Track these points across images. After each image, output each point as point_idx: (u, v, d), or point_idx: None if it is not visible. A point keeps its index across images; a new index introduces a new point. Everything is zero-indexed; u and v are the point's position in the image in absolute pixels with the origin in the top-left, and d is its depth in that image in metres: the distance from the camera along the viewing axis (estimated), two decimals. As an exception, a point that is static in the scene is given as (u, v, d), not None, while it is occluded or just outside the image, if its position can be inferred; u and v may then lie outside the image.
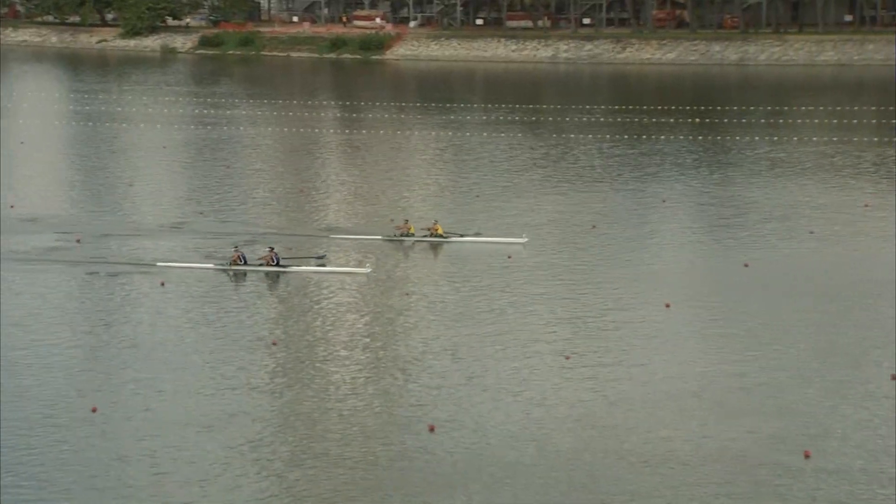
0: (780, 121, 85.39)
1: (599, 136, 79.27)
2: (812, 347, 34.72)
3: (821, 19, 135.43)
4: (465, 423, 29.22)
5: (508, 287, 41.62)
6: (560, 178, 64.24)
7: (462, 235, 48.36)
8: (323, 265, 44.14)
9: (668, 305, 38.96)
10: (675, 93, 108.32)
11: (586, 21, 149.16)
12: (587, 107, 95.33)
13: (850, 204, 55.29)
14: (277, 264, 43.74)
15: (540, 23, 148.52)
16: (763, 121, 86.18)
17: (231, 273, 43.57)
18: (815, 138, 76.27)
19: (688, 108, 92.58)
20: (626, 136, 78.91)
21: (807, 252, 46.34)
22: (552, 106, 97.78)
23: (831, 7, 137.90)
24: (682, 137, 78.37)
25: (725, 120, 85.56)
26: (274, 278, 43.31)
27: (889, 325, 36.28)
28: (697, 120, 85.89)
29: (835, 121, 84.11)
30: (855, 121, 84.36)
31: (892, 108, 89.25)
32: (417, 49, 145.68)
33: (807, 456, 26.75)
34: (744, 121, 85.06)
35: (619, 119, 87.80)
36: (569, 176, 65.12)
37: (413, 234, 48.39)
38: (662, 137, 77.89)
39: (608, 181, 63.29)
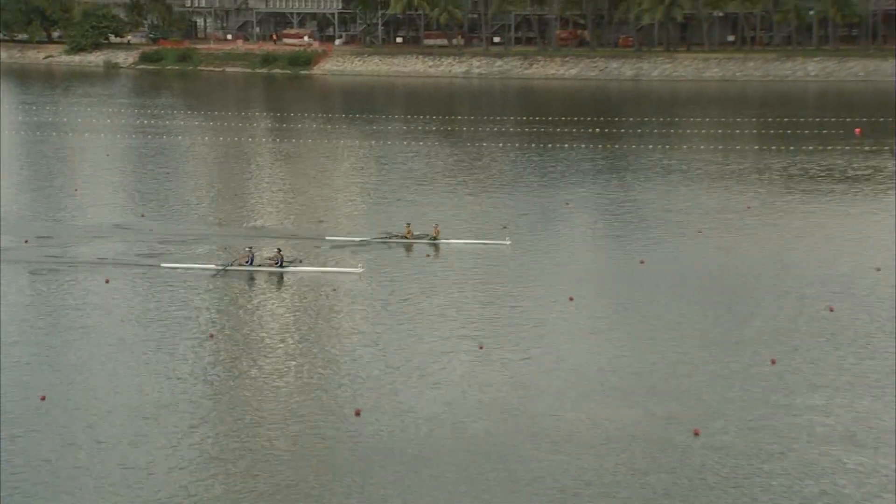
0: (672, 131, 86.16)
1: (509, 144, 79.51)
2: (700, 336, 34.93)
3: (706, 39, 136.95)
4: (388, 408, 29.17)
5: (430, 284, 41.59)
6: (473, 183, 64.33)
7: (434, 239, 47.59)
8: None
9: (571, 299, 39.14)
10: (577, 105, 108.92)
11: (497, 40, 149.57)
12: (498, 118, 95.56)
13: (735, 206, 55.82)
14: (280, 265, 43.08)
15: (454, 41, 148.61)
16: (656, 131, 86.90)
17: (222, 272, 42.71)
18: (702, 146, 77.03)
19: (588, 119, 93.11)
20: (533, 145, 79.20)
21: (696, 250, 46.76)
22: (466, 117, 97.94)
23: (715, 28, 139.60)
24: (583, 146, 78.77)
25: (622, 130, 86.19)
26: (251, 277, 42.79)
27: (768, 315, 36.78)
28: (597, 130, 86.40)
29: (720, 131, 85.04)
30: (738, 131, 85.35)
31: (769, 119, 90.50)
32: (342, 65, 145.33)
33: (696, 434, 26.94)
34: (639, 131, 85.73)
35: (526, 129, 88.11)
36: (481, 181, 65.26)
37: (410, 238, 47.67)
38: (566, 146, 78.23)
39: (517, 185, 63.49)
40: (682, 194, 59.52)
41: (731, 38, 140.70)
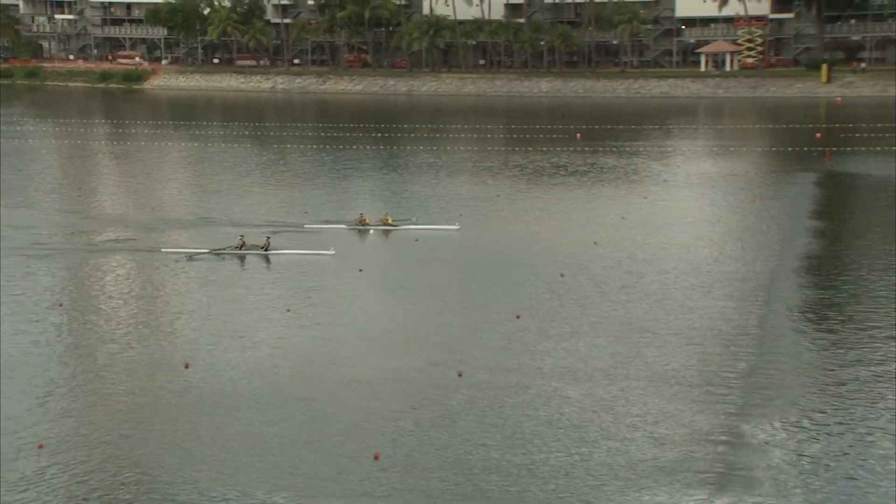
0: (438, 135, 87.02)
1: (308, 146, 78.94)
2: (459, 299, 35.37)
3: (463, 62, 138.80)
4: (214, 363, 28.83)
5: (245, 266, 41.14)
6: (279, 179, 63.75)
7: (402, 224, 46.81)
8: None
9: (361, 270, 39.35)
10: (363, 115, 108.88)
11: (296, 61, 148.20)
12: (299, 125, 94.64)
13: (487, 195, 56.83)
14: (266, 250, 41.44)
15: (262, 62, 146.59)
16: (425, 135, 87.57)
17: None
18: (461, 147, 78.18)
19: (372, 126, 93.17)
20: (328, 147, 78.83)
21: (458, 231, 47.14)
22: (272, 124, 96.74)
23: (470, 54, 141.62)
24: (368, 147, 78.91)
25: (399, 135, 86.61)
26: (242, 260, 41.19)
27: (515, 280, 37.44)
28: (379, 135, 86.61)
29: (475, 135, 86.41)
30: (489, 136, 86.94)
31: (512, 126, 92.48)
32: (169, 81, 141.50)
33: (459, 375, 27.40)
34: (412, 135, 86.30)
35: (322, 134, 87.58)
36: (286, 177, 64.70)
37: (369, 224, 46.71)
38: (354, 147, 78.22)
39: (314, 180, 63.17)
40: (446, 186, 60.22)
41: (482, 61, 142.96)
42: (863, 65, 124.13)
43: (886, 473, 21.36)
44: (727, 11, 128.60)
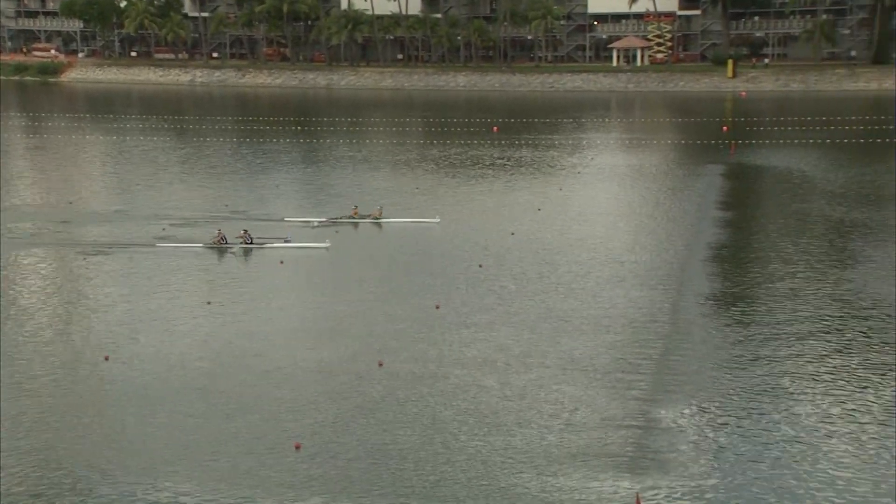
0: (357, 129, 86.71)
1: (229, 139, 78.05)
2: (378, 289, 35.34)
3: (382, 57, 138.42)
4: (134, 355, 28.32)
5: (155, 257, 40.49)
6: (200, 171, 62.90)
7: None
8: (288, 241, 41.05)
9: (281, 262, 39.01)
10: (283, 108, 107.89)
11: (215, 55, 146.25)
12: (219, 118, 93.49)
13: (406, 187, 56.79)
14: (251, 242, 40.57)
15: (180, 55, 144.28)
16: (345, 129, 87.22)
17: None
18: (381, 141, 77.96)
19: (292, 119, 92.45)
20: (248, 140, 78.01)
21: (374, 225, 46.97)
22: (192, 117, 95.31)
23: (388, 48, 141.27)
24: (288, 140, 78.26)
25: (319, 128, 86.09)
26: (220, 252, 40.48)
27: (434, 270, 37.52)
28: (299, 128, 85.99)
29: (394, 129, 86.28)
30: (407, 129, 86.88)
31: (431, 119, 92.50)
32: (86, 74, 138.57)
33: (380, 365, 27.29)
34: (332, 129, 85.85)
35: (243, 127, 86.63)
36: (206, 169, 63.85)
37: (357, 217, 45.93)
38: (275, 140, 77.49)
39: (235, 173, 62.43)
40: (365, 178, 60.08)
41: (400, 56, 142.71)
42: (766, 60, 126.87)
43: (793, 456, 21.84)
44: (637, 8, 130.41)
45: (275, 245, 40.91)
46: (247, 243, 40.96)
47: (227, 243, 41.04)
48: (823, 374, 26.15)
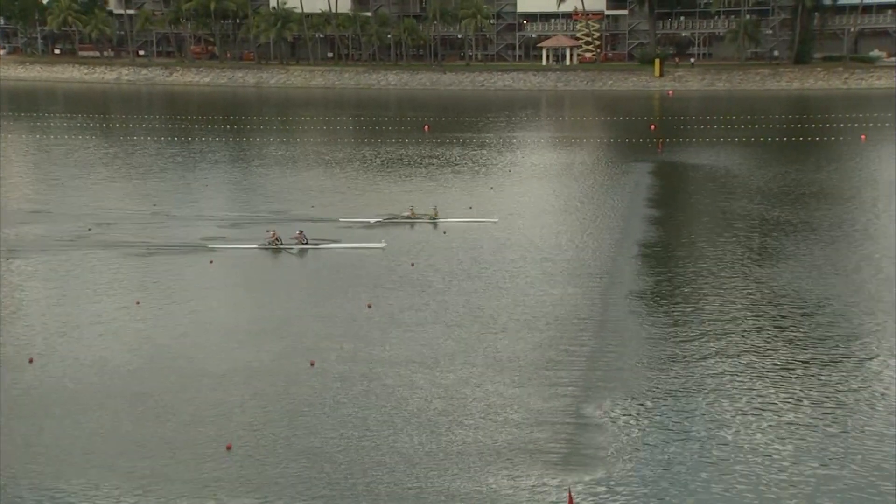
0: (288, 128, 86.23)
1: (157, 139, 77.07)
2: (311, 288, 35.21)
3: (312, 55, 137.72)
4: (60, 357, 27.79)
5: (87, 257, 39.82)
6: (127, 171, 61.97)
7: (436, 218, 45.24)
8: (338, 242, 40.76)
9: (211, 262, 38.63)
10: (212, 107, 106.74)
11: (142, 53, 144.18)
12: (146, 117, 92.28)
13: (339, 186, 56.56)
14: (307, 243, 39.90)
15: (105, 53, 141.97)
16: (276, 128, 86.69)
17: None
18: (312, 140, 77.60)
19: (221, 118, 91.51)
20: (177, 139, 77.12)
21: (316, 220, 46.66)
22: (119, 116, 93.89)
23: (318, 46, 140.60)
24: (218, 140, 77.47)
25: (249, 127, 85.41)
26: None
27: (366, 269, 37.45)
28: (229, 127, 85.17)
29: (325, 128, 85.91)
30: (338, 128, 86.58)
31: (362, 118, 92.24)
32: (7, 71, 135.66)
33: (312, 365, 27.14)
34: (262, 128, 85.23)
35: (171, 126, 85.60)
36: (134, 168, 62.93)
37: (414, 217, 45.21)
38: (204, 139, 76.67)
39: (164, 172, 61.67)
40: (297, 177, 59.76)
41: (330, 54, 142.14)
42: (692, 60, 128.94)
43: (719, 450, 22.20)
44: (566, 7, 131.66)
45: (330, 246, 40.63)
46: (303, 244, 40.56)
47: (282, 244, 40.55)
48: (748, 371, 26.65)
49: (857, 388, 25.35)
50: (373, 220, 45.08)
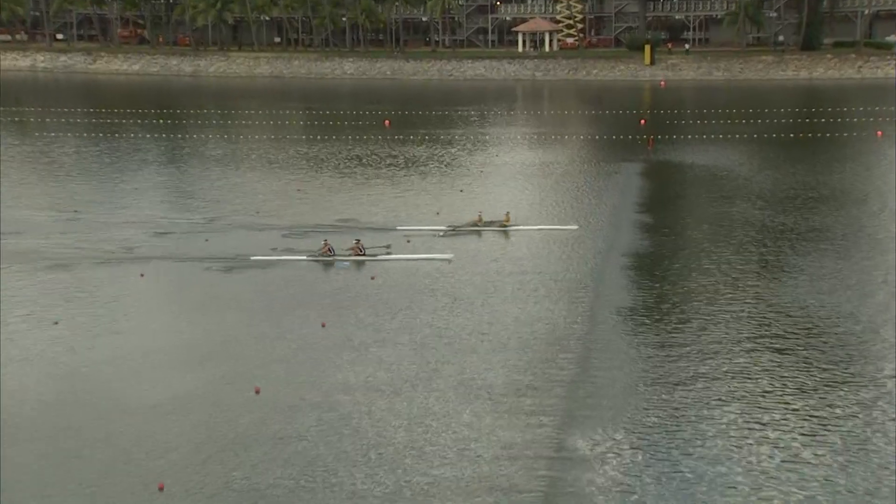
0: (229, 122, 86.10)
1: (78, 134, 76.66)
2: (258, 305, 35.10)
3: (256, 40, 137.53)
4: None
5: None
6: (44, 172, 61.59)
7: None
8: (389, 252, 40.73)
9: (141, 275, 38.46)
10: (142, 98, 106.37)
11: (60, 36, 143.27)
12: (65, 110, 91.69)
13: (286, 189, 56.50)
14: (363, 253, 39.98)
15: (17, 36, 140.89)
16: (215, 122, 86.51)
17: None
18: (257, 136, 77.50)
19: (153, 111, 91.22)
20: (101, 135, 76.73)
21: (256, 229, 46.54)
22: (34, 109, 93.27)
23: (263, 30, 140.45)
24: (149, 136, 77.24)
25: (185, 121, 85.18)
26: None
27: (314, 281, 37.45)
28: (161, 122, 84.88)
29: (272, 122, 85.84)
30: (287, 122, 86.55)
31: (314, 112, 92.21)
32: None
33: (257, 392, 27.09)
34: (199, 122, 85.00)
35: (94, 120, 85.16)
36: (52, 169, 62.56)
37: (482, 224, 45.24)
38: (132, 135, 76.42)
39: (87, 174, 61.35)
40: (240, 179, 59.61)
41: (277, 39, 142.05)
42: (686, 46, 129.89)
43: (723, 492, 22.32)
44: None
45: (391, 257, 40.65)
46: (359, 254, 40.60)
47: (334, 255, 40.62)
48: (749, 399, 26.78)
49: (868, 420, 25.48)
50: (441, 229, 45.22)
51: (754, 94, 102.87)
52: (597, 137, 76.55)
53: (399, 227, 45.91)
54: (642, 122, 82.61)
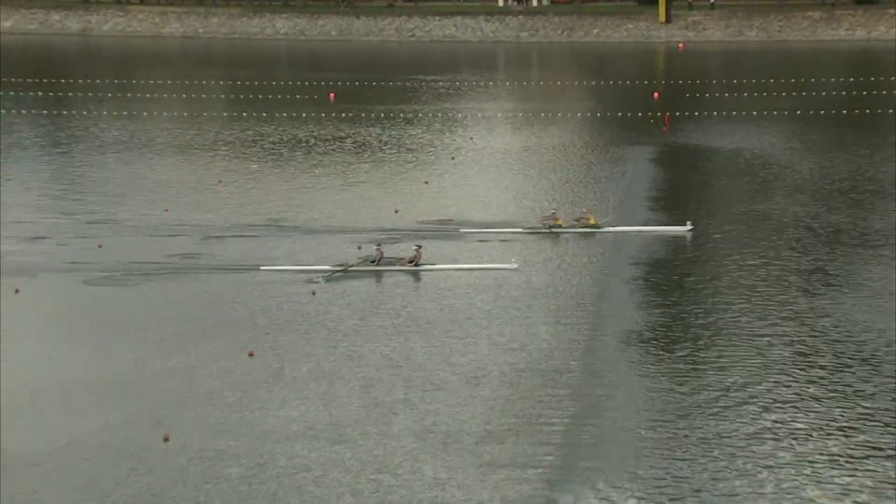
0: (130, 95, 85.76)
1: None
2: (171, 328, 35.06)
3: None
4: None
5: None
6: None
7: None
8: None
9: (17, 291, 38.39)
10: (16, 64, 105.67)
11: None
12: None
13: (204, 180, 56.37)
14: (416, 264, 40.46)
15: None
16: (111, 95, 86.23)
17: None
18: (165, 113, 77.34)
19: (30, 80, 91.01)
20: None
21: (161, 230, 46.50)
22: None
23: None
24: (24, 112, 76.90)
25: (71, 94, 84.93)
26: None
27: (243, 296, 37.60)
28: (41, 93, 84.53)
29: (184, 95, 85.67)
30: (204, 95, 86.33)
31: (238, 82, 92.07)
32: None
33: (166, 439, 26.95)
34: (90, 95, 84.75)
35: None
36: None
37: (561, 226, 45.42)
38: (4, 112, 76.03)
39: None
40: (143, 168, 59.45)
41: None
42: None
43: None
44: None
45: (446, 266, 41.14)
46: (416, 264, 41.06)
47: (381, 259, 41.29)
48: (784, 444, 26.80)
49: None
50: (516, 231, 45.88)
51: (797, 60, 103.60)
52: (598, 115, 76.90)
53: (462, 230, 46.34)
54: (655, 95, 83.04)
